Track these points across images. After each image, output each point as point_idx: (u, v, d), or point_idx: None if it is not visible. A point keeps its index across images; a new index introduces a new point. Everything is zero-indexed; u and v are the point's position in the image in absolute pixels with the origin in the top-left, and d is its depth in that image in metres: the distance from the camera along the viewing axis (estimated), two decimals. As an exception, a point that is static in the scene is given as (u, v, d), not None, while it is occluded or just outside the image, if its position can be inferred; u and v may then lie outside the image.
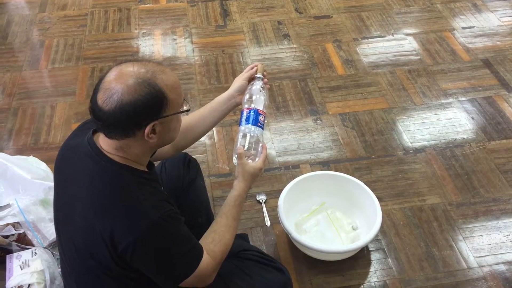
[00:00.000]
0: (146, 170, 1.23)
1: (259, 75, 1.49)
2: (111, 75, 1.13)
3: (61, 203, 1.27)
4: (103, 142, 1.18)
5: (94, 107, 1.13)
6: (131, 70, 1.12)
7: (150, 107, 1.11)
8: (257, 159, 1.40)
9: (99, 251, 1.15)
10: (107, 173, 1.16)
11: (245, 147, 1.39)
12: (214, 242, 1.29)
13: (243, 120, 1.41)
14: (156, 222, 1.11)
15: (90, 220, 1.14)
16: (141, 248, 1.12)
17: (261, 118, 1.41)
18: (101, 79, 1.14)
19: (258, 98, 1.44)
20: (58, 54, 2.80)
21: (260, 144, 1.41)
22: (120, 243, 1.11)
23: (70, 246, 1.24)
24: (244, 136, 1.40)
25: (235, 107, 1.51)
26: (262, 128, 1.42)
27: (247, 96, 1.45)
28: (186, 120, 1.49)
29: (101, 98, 1.11)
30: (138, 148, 1.17)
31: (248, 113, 1.41)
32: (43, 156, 2.07)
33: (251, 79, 1.49)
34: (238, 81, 1.48)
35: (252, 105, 1.43)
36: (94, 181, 1.16)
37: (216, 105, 1.51)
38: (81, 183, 1.18)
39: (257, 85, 1.47)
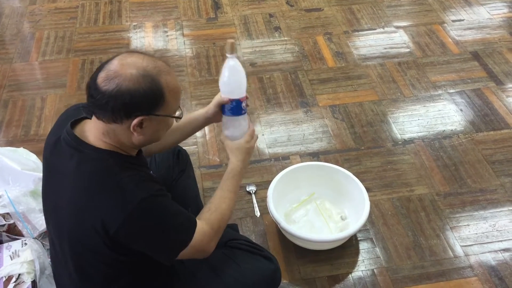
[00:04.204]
0: (132, 154, 1.23)
1: (230, 55, 1.32)
2: (119, 59, 1.13)
3: (49, 192, 1.28)
4: (91, 126, 1.18)
5: (91, 84, 1.13)
6: (140, 61, 1.13)
7: (146, 101, 1.12)
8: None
9: (89, 238, 1.15)
10: (89, 160, 1.16)
11: (232, 134, 1.41)
12: (210, 211, 1.30)
13: (226, 111, 1.39)
14: (143, 200, 1.12)
15: (77, 208, 1.15)
16: (133, 227, 1.13)
17: (243, 105, 1.38)
18: (108, 60, 1.15)
19: (234, 87, 1.36)
20: (48, 47, 2.79)
21: (246, 125, 1.41)
22: (111, 227, 1.12)
23: (59, 234, 1.25)
24: (230, 125, 1.41)
25: (211, 122, 1.49)
26: (246, 111, 1.40)
27: (224, 80, 1.34)
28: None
29: (101, 77, 1.11)
30: (124, 137, 1.17)
31: (231, 104, 1.37)
32: (33, 147, 2.07)
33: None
34: (211, 107, 1.44)
35: (231, 96, 1.36)
36: (77, 169, 1.16)
37: (194, 118, 1.49)
38: (65, 172, 1.18)
39: (229, 71, 1.34)
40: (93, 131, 1.18)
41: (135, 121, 1.13)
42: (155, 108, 1.14)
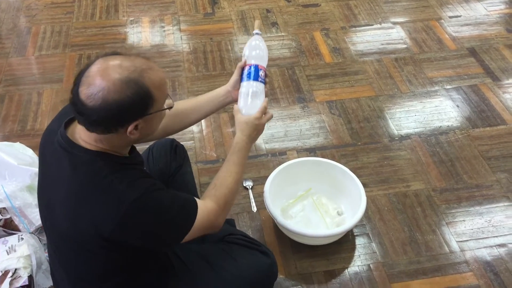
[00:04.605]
0: (125, 155, 1.21)
1: (256, 31, 1.48)
2: (95, 69, 1.08)
3: (44, 190, 1.27)
4: (82, 131, 1.15)
5: (76, 101, 1.09)
6: (117, 64, 1.09)
7: (136, 107, 1.09)
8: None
9: (84, 239, 1.15)
10: (81, 163, 1.14)
11: (245, 103, 1.40)
12: (216, 187, 1.30)
13: (244, 76, 1.42)
14: (136, 201, 1.11)
15: (70, 211, 1.14)
16: (128, 227, 1.13)
17: (261, 73, 1.42)
18: (83, 71, 1.10)
19: (257, 53, 1.44)
20: (45, 41, 2.78)
21: (261, 98, 1.41)
22: (105, 229, 1.11)
23: (55, 233, 1.25)
24: (245, 92, 1.41)
25: (230, 103, 1.50)
26: (263, 83, 1.43)
27: (246, 52, 1.44)
28: (181, 105, 1.49)
29: (84, 93, 1.07)
30: (118, 141, 1.16)
31: (249, 69, 1.42)
32: (30, 142, 2.07)
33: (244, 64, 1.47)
34: (233, 77, 1.47)
35: (252, 61, 1.43)
36: (69, 172, 1.14)
37: (213, 97, 1.50)
38: (58, 173, 1.17)
39: (255, 40, 1.46)
40: (84, 135, 1.15)
41: (130, 128, 1.11)
42: (146, 109, 1.12)
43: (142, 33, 2.85)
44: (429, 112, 2.37)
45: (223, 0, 3.10)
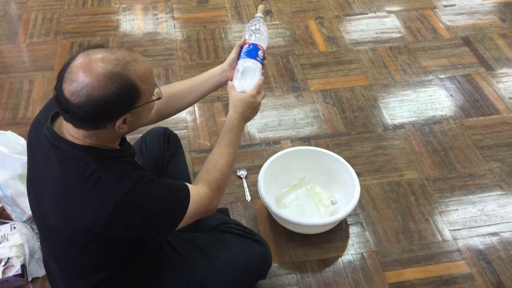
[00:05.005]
0: (115, 148, 1.19)
1: (259, 14, 1.48)
2: (78, 64, 1.05)
3: (32, 184, 1.25)
4: (70, 126, 1.11)
5: (60, 98, 1.05)
6: (100, 58, 1.05)
7: (122, 101, 1.06)
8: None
9: (75, 234, 1.14)
10: (68, 158, 1.11)
11: (241, 79, 1.37)
12: (208, 171, 1.28)
13: (242, 54, 1.41)
14: (124, 196, 1.09)
15: (59, 208, 1.13)
16: (119, 222, 1.11)
17: (260, 53, 1.40)
18: (65, 66, 1.07)
19: (257, 35, 1.43)
20: (36, 28, 2.74)
21: (257, 77, 1.38)
22: (96, 226, 1.10)
23: (44, 225, 1.23)
24: (241, 68, 1.39)
25: (226, 82, 1.45)
26: (261, 63, 1.41)
27: (246, 35, 1.44)
28: (175, 87, 1.47)
29: (68, 90, 1.04)
30: (107, 135, 1.13)
31: (248, 47, 1.41)
32: (21, 131, 2.05)
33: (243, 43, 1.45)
34: (230, 55, 1.45)
35: (252, 41, 1.42)
36: (57, 168, 1.12)
37: (208, 76, 1.47)
38: (46, 168, 1.15)
39: (257, 23, 1.45)
40: (72, 130, 1.12)
41: (118, 122, 1.09)
42: (133, 103, 1.09)
43: (134, 21, 2.82)
44: (423, 101, 2.37)
45: (216, -13, 3.07)
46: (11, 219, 1.75)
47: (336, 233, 1.83)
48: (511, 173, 2.05)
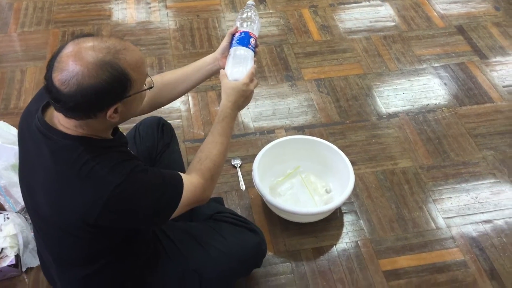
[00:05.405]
0: (107, 137, 1.18)
1: (250, 2, 1.46)
2: (68, 52, 1.04)
3: (24, 174, 1.24)
4: (61, 116, 1.10)
5: (50, 87, 1.04)
6: (90, 47, 1.04)
7: (113, 90, 1.05)
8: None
9: (69, 226, 1.13)
10: (60, 149, 1.10)
11: (233, 67, 1.36)
12: (201, 160, 1.28)
13: (234, 42, 1.40)
14: (118, 186, 1.08)
15: (52, 198, 1.12)
16: (113, 212, 1.11)
17: (252, 40, 1.40)
18: (55, 55, 1.05)
19: (249, 23, 1.42)
20: (27, 18, 2.71)
21: (250, 65, 1.37)
22: (89, 217, 1.09)
23: (37, 215, 1.23)
24: (233, 56, 1.38)
25: (218, 71, 1.44)
26: (253, 51, 1.40)
27: (238, 23, 1.42)
28: (168, 76, 1.46)
29: (58, 79, 1.02)
30: (99, 125, 1.12)
31: (240, 34, 1.40)
32: (13, 121, 2.03)
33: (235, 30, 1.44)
34: (222, 43, 1.43)
35: (244, 28, 1.41)
36: (48, 159, 1.11)
37: (200, 65, 1.46)
38: (37, 159, 1.14)
39: (249, 11, 1.44)
40: (63, 120, 1.11)
41: (109, 112, 1.08)
42: (124, 92, 1.07)
43: (127, 10, 2.79)
44: (417, 90, 2.38)
45: (209, -24, 3.04)
46: (4, 210, 1.74)
47: (331, 222, 1.83)
48: (504, 161, 2.06)
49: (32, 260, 1.67)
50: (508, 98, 2.34)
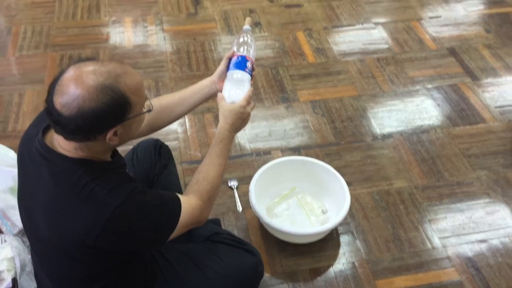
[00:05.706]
0: (107, 160, 1.19)
1: (247, 26, 1.49)
2: (69, 76, 1.06)
3: (24, 197, 1.25)
4: (61, 139, 1.12)
5: (51, 110, 1.06)
6: (91, 71, 1.06)
7: (113, 113, 1.07)
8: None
9: (67, 247, 1.14)
10: (60, 172, 1.12)
11: (230, 90, 1.39)
12: (198, 182, 1.29)
13: (231, 65, 1.43)
14: (117, 208, 1.09)
15: (51, 220, 1.13)
16: (111, 235, 1.11)
17: (248, 64, 1.42)
18: (56, 79, 1.08)
19: (246, 47, 1.44)
20: (25, 41, 2.75)
21: (247, 88, 1.40)
22: (89, 238, 1.10)
23: (35, 238, 1.23)
24: (230, 79, 1.41)
25: (215, 94, 1.47)
26: (250, 74, 1.43)
27: (235, 47, 1.45)
28: (165, 99, 1.48)
29: (59, 102, 1.04)
30: (98, 147, 1.13)
31: (237, 59, 1.42)
32: (11, 143, 2.04)
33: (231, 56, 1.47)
34: (220, 67, 1.46)
35: (240, 53, 1.44)
36: (49, 181, 1.12)
37: (198, 88, 1.48)
38: (37, 181, 1.15)
39: (245, 35, 1.47)
40: (63, 142, 1.12)
41: (109, 134, 1.09)
42: (124, 115, 1.09)
43: (124, 33, 2.83)
44: (411, 111, 2.41)
45: (206, 0, 3.10)
46: (1, 232, 1.74)
47: (328, 242, 1.84)
48: (498, 181, 2.09)
49: (29, 283, 1.65)
50: (500, 119, 2.37)
